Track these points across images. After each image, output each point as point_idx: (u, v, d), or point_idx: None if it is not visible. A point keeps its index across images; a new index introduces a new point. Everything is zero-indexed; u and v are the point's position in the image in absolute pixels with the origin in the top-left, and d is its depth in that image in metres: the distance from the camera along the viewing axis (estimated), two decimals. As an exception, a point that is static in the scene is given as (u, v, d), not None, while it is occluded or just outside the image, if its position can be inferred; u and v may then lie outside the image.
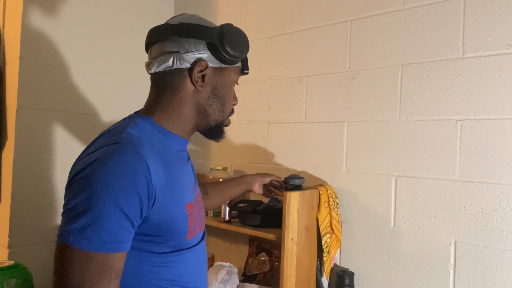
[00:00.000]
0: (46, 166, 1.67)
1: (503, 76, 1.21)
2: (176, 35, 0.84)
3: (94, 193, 0.67)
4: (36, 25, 1.63)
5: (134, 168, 0.70)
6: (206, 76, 0.86)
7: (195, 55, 0.84)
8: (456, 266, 1.26)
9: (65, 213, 0.69)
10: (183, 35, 0.84)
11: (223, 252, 1.88)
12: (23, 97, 1.60)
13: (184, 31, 0.84)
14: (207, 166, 1.97)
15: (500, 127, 1.20)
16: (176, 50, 0.84)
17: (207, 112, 0.88)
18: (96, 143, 0.78)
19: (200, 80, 0.85)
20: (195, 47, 0.84)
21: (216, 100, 0.88)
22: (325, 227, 1.44)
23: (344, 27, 1.55)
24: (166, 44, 0.85)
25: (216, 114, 0.89)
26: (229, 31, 0.86)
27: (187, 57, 0.84)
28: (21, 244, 1.60)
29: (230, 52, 0.85)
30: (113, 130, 0.80)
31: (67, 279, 0.66)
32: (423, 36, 1.36)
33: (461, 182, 1.26)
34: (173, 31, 0.85)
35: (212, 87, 0.87)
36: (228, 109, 0.92)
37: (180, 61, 0.83)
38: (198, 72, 0.84)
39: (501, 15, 1.21)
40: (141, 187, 0.70)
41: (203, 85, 0.86)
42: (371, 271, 1.44)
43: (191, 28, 0.85)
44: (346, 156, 1.52)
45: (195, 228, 0.86)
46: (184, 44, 0.84)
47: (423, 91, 1.35)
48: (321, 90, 1.61)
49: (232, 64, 0.89)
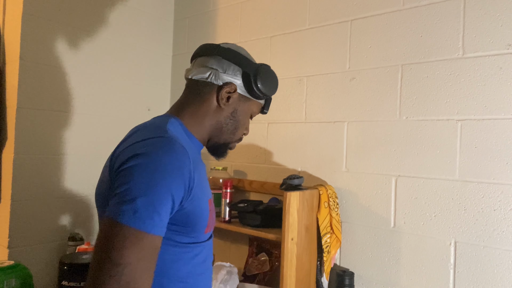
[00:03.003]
0: (46, 166, 1.67)
1: (503, 76, 1.21)
2: (221, 56, 0.96)
3: (151, 179, 0.73)
4: (36, 25, 1.63)
5: (182, 160, 0.78)
6: (231, 98, 0.95)
7: (229, 78, 0.95)
8: (456, 266, 1.26)
9: (117, 195, 0.73)
10: (227, 58, 0.96)
11: (223, 252, 1.88)
12: (23, 97, 1.60)
13: (229, 55, 0.96)
14: (207, 166, 1.97)
15: (500, 127, 1.20)
16: (215, 68, 0.95)
17: (222, 129, 0.97)
18: (134, 136, 0.83)
19: (225, 99, 0.94)
20: (232, 71, 0.95)
21: (233, 122, 0.97)
22: (325, 227, 1.44)
23: (344, 27, 1.55)
24: (210, 60, 0.96)
25: (228, 134, 0.98)
26: (265, 70, 0.99)
27: (222, 76, 0.94)
28: (21, 244, 1.60)
29: (259, 87, 0.96)
30: (151, 126, 0.86)
31: (118, 255, 0.68)
32: (423, 36, 1.36)
33: (461, 182, 1.26)
34: (220, 52, 0.96)
35: (233, 109, 0.97)
36: (239, 134, 1.01)
37: (215, 77, 0.94)
38: (226, 92, 0.94)
39: (501, 15, 1.22)
40: (186, 178, 0.78)
41: (227, 104, 0.95)
42: (371, 271, 1.44)
43: (236, 56, 0.97)
44: (346, 156, 1.52)
45: (211, 224, 0.92)
46: (224, 65, 0.95)
47: (423, 91, 1.35)
48: (321, 90, 1.61)
49: (257, 98, 0.99)
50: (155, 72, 2.12)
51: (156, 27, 2.14)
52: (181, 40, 2.19)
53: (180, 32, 2.20)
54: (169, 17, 2.21)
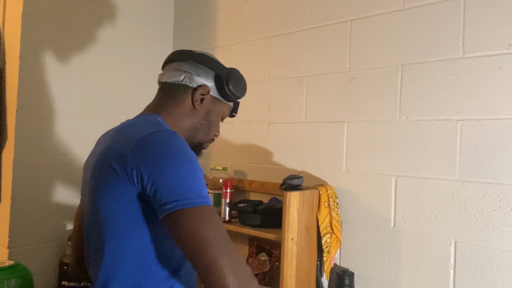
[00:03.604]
0: (46, 166, 1.67)
1: (503, 76, 1.21)
2: (194, 60, 1.02)
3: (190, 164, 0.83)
4: (36, 25, 1.63)
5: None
6: (205, 100, 1.01)
7: (203, 81, 1.01)
8: (456, 266, 1.26)
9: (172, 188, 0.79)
10: (200, 62, 1.02)
11: (223, 252, 1.88)
12: (23, 97, 1.60)
13: (202, 59, 1.03)
14: (207, 166, 1.97)
15: (500, 127, 1.20)
16: (190, 71, 1.01)
17: (197, 130, 1.03)
18: (132, 133, 0.86)
19: (199, 101, 1.01)
20: (205, 75, 1.02)
21: (207, 123, 1.04)
22: (325, 227, 1.44)
23: (344, 27, 1.55)
24: (184, 65, 1.02)
25: (203, 134, 1.04)
26: (236, 74, 1.05)
27: (196, 79, 1.00)
28: (21, 244, 1.60)
29: (231, 89, 1.03)
30: (145, 123, 0.91)
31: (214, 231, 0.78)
32: (423, 36, 1.36)
33: (461, 182, 1.26)
34: (193, 57, 1.03)
35: (206, 111, 1.03)
36: (211, 135, 1.07)
37: (189, 80, 1.00)
38: (199, 94, 1.00)
39: (501, 15, 1.22)
40: None
41: (201, 106, 1.01)
42: (371, 271, 1.44)
43: (208, 60, 1.03)
44: (346, 156, 1.52)
45: None
46: (198, 69, 1.01)
47: (423, 91, 1.35)
48: (321, 90, 1.61)
49: (228, 100, 1.06)
50: (155, 72, 2.11)
51: (156, 27, 2.14)
52: (181, 40, 2.19)
53: (180, 32, 2.20)
54: (169, 17, 2.21)
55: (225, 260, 0.75)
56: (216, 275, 0.74)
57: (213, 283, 0.75)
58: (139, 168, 0.80)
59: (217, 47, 2.00)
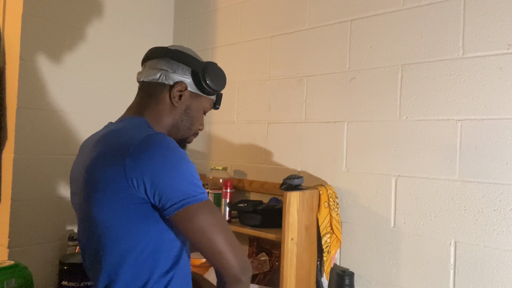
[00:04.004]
0: (46, 166, 1.67)
1: (503, 76, 1.21)
2: (169, 57, 1.01)
3: (186, 165, 0.87)
4: (36, 25, 1.63)
5: None
6: (183, 96, 1.01)
7: (179, 77, 1.01)
8: (456, 266, 1.26)
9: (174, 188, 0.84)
10: (175, 58, 1.01)
11: (223, 252, 1.88)
12: (23, 97, 1.60)
13: (178, 56, 1.02)
14: (207, 166, 1.97)
15: (500, 127, 1.20)
16: (165, 69, 1.00)
17: (178, 126, 1.03)
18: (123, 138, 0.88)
19: (177, 97, 1.01)
20: (182, 71, 1.01)
21: (187, 119, 1.04)
22: (325, 227, 1.44)
23: (344, 27, 1.55)
24: (160, 62, 1.01)
25: (185, 130, 1.05)
26: (213, 67, 1.04)
27: (173, 76, 1.00)
28: (21, 244, 1.60)
29: (208, 83, 1.02)
30: (134, 128, 0.92)
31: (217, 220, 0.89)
32: (423, 36, 1.36)
33: (461, 182, 1.26)
34: (168, 54, 1.01)
35: (186, 107, 1.03)
36: (194, 130, 1.07)
37: (165, 78, 1.00)
38: (177, 91, 1.00)
39: (501, 15, 1.21)
40: None
41: (179, 102, 1.01)
42: (371, 271, 1.44)
43: (184, 56, 1.02)
44: (346, 156, 1.52)
45: None
46: (173, 66, 1.01)
47: (423, 91, 1.35)
48: (321, 90, 1.61)
49: (208, 94, 1.06)
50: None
51: (156, 27, 2.14)
52: (181, 40, 2.19)
53: (180, 32, 2.20)
54: (169, 17, 2.21)
55: (230, 246, 0.88)
56: (224, 259, 0.87)
57: (222, 265, 0.87)
58: (139, 175, 0.82)
59: (217, 47, 2.00)
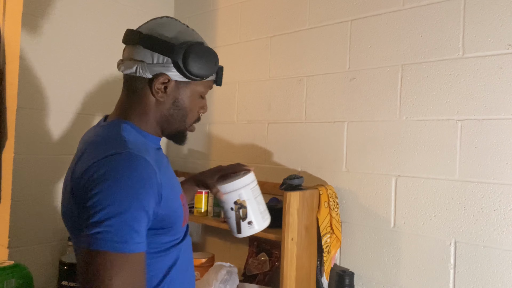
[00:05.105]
0: (46, 166, 1.67)
1: (503, 76, 1.21)
2: (142, 45, 0.84)
3: (122, 199, 0.70)
4: (36, 25, 1.63)
5: (148, 173, 0.75)
6: (168, 88, 0.86)
7: (158, 68, 0.84)
8: (456, 266, 1.26)
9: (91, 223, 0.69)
10: (149, 47, 0.84)
11: (223, 252, 1.88)
12: (23, 97, 1.60)
13: (150, 44, 0.84)
14: (207, 166, 1.97)
15: (500, 127, 1.20)
16: (140, 59, 0.84)
17: (169, 121, 0.89)
18: (92, 152, 0.78)
19: (161, 92, 0.86)
20: (161, 60, 0.84)
21: (178, 111, 0.89)
22: (325, 227, 1.44)
23: (344, 27, 1.55)
24: (134, 52, 0.86)
25: (177, 123, 0.90)
26: (195, 51, 0.84)
27: (151, 68, 0.84)
28: (21, 244, 1.60)
29: (194, 72, 0.85)
30: (108, 139, 0.81)
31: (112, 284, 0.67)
32: (423, 36, 1.36)
33: (461, 182, 1.26)
34: (142, 42, 0.84)
35: (173, 99, 0.88)
36: (191, 118, 0.92)
37: (142, 71, 0.84)
38: (160, 84, 0.85)
39: (501, 15, 1.21)
40: (155, 188, 0.76)
41: (165, 96, 0.87)
42: (371, 271, 1.44)
43: (157, 43, 0.84)
44: (346, 156, 1.52)
45: (187, 216, 0.93)
46: (148, 55, 0.84)
47: (423, 91, 1.35)
48: (321, 90, 1.61)
49: (199, 80, 0.88)
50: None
51: (156, 27, 2.14)
52: (181, 40, 2.19)
53: (180, 32, 2.20)
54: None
55: None
56: None
57: None
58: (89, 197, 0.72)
59: (217, 47, 2.00)
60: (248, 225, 1.00)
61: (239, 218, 1.00)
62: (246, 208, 1.00)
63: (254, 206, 1.01)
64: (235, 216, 1.00)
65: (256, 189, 1.04)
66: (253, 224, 1.00)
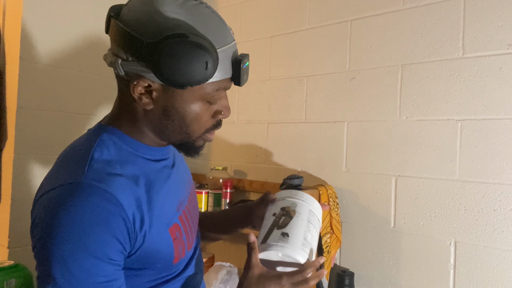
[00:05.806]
0: (46, 166, 1.67)
1: (503, 76, 1.21)
2: (112, 39, 0.64)
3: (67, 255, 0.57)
4: (36, 25, 1.63)
5: (106, 209, 0.59)
6: (154, 94, 0.64)
7: (135, 68, 0.62)
8: (456, 266, 1.26)
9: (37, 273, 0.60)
10: (116, 41, 0.63)
11: (223, 252, 1.88)
12: (23, 97, 1.60)
13: (118, 37, 0.62)
14: (207, 166, 1.97)
15: (500, 127, 1.20)
16: (116, 53, 0.63)
17: (164, 133, 0.69)
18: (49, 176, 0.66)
19: (145, 98, 0.64)
20: (137, 57, 0.62)
21: (172, 123, 0.67)
22: (325, 227, 1.44)
23: (344, 27, 1.55)
24: (111, 42, 0.65)
25: (178, 135, 0.69)
26: (170, 51, 0.58)
27: (128, 66, 0.62)
28: (21, 244, 1.60)
29: (173, 79, 0.60)
30: (72, 157, 0.68)
31: None
32: (423, 36, 1.36)
33: (461, 182, 1.26)
34: (112, 31, 0.64)
35: (162, 108, 0.66)
36: (199, 128, 0.69)
37: (118, 69, 0.63)
38: (141, 88, 0.64)
39: (501, 15, 1.21)
40: (118, 228, 0.60)
41: (151, 103, 0.65)
42: (371, 271, 1.44)
43: (125, 37, 0.61)
44: (346, 156, 1.52)
45: (183, 249, 0.74)
46: (121, 51, 0.62)
47: (423, 91, 1.35)
48: (321, 90, 1.61)
49: (185, 88, 0.63)
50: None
51: (156, 27, 2.13)
52: (181, 40, 2.19)
53: (180, 32, 2.19)
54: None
55: None
56: None
57: None
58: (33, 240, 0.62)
59: (217, 47, 2.00)
60: (281, 236, 0.72)
61: (275, 225, 0.75)
62: (291, 218, 0.75)
63: (300, 225, 0.75)
64: (273, 221, 0.76)
65: (314, 218, 0.79)
66: (287, 238, 0.72)
